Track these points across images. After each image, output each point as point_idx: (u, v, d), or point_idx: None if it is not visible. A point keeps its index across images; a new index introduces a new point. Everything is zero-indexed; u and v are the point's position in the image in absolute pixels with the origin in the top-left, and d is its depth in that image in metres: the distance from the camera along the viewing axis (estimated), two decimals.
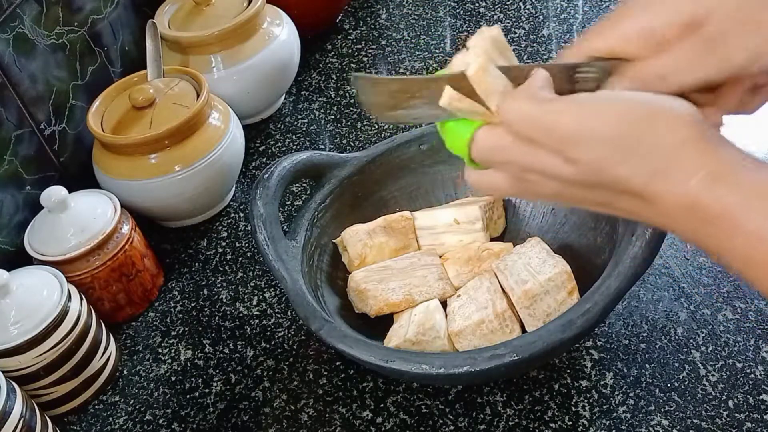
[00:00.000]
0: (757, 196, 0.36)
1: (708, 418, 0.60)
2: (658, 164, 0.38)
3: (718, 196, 0.37)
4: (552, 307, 0.63)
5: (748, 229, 0.36)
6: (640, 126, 0.39)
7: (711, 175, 0.37)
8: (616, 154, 0.39)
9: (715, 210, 0.37)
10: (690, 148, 0.38)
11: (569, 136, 0.40)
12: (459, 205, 0.75)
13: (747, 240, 0.36)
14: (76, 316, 0.67)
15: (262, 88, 0.95)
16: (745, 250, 0.37)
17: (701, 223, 0.38)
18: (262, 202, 0.68)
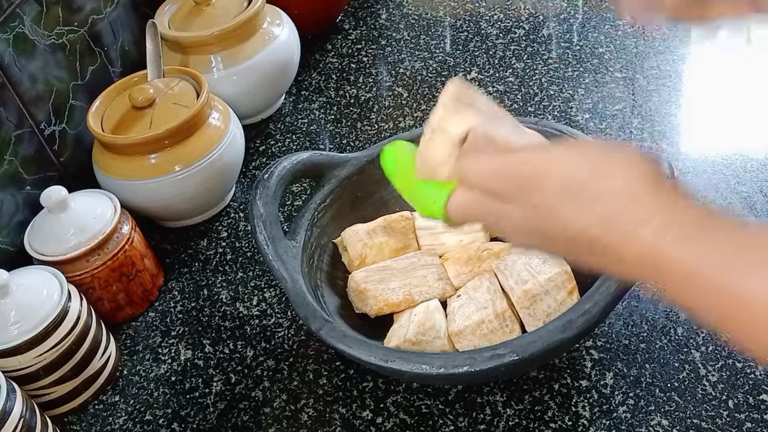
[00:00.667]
0: (719, 248, 0.35)
1: (708, 418, 0.60)
2: (608, 211, 0.37)
3: (678, 247, 0.35)
4: (552, 307, 0.63)
5: (711, 283, 0.34)
6: (593, 173, 0.38)
7: (665, 223, 0.36)
8: (567, 201, 0.39)
9: (674, 261, 0.35)
10: (643, 196, 0.37)
11: (530, 185, 0.40)
12: None
13: (717, 297, 0.34)
14: (76, 316, 0.67)
15: (262, 88, 0.95)
16: (720, 308, 0.35)
17: (661, 273, 0.36)
18: (262, 202, 0.68)
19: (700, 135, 0.88)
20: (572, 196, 0.39)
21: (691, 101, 0.92)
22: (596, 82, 0.95)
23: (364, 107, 0.99)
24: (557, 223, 0.40)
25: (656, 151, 0.58)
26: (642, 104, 0.91)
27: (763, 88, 0.90)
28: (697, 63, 0.98)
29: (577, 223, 0.39)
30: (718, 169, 0.81)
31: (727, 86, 0.92)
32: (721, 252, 0.34)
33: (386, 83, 1.03)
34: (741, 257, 0.34)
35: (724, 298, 0.34)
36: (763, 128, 0.86)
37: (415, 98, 0.99)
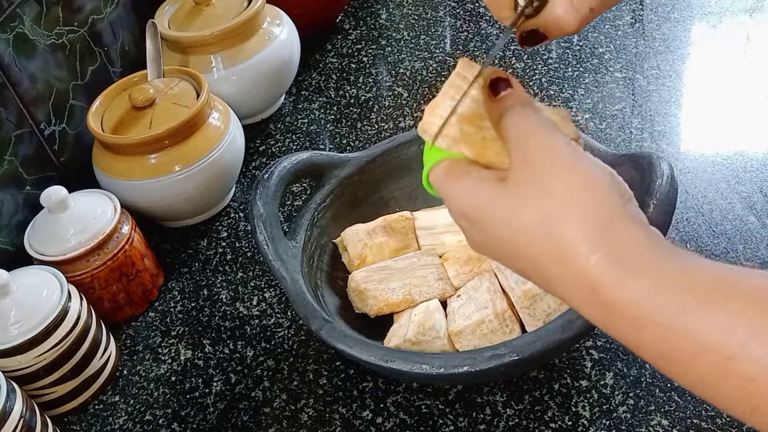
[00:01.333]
0: (666, 285, 0.33)
1: (708, 418, 0.60)
2: (558, 243, 0.36)
3: (619, 282, 0.34)
4: (552, 307, 0.63)
5: (657, 322, 0.33)
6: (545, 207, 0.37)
7: (613, 255, 0.34)
8: (514, 255, 0.39)
9: (619, 297, 0.34)
10: (592, 227, 0.35)
11: (485, 230, 0.41)
12: None
13: (658, 333, 0.33)
14: (76, 316, 0.67)
15: (262, 88, 0.95)
16: (657, 344, 0.33)
17: (607, 310, 0.35)
18: (262, 202, 0.68)
19: (700, 135, 0.88)
20: (520, 256, 0.39)
21: (691, 101, 0.92)
22: (596, 82, 0.95)
23: (364, 107, 0.99)
24: (512, 265, 0.41)
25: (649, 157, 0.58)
26: (642, 104, 0.91)
27: (762, 88, 0.90)
28: (697, 63, 0.98)
29: (524, 273, 0.40)
30: (718, 169, 0.81)
31: (727, 86, 0.92)
32: (674, 290, 0.33)
33: (386, 83, 1.03)
34: (699, 296, 0.32)
35: (679, 342, 0.32)
36: (763, 128, 0.86)
37: (415, 98, 0.99)
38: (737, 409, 0.32)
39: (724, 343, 0.31)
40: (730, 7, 1.03)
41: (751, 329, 0.30)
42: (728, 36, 1.00)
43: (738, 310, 0.31)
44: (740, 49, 0.97)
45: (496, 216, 0.40)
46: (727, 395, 0.31)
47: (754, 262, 0.71)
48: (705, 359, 0.31)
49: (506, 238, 0.39)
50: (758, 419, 0.31)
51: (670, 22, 1.03)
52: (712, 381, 0.32)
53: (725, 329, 0.31)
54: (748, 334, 0.30)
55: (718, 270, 0.33)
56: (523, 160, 0.39)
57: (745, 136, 0.85)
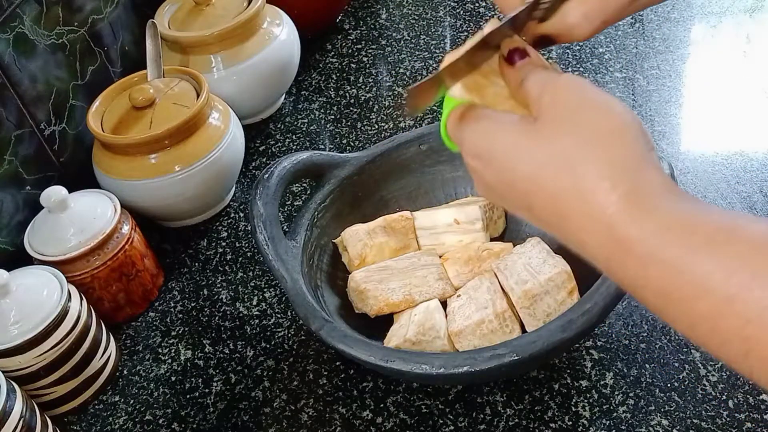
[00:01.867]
0: (675, 225, 0.34)
1: (708, 418, 0.60)
2: (582, 179, 0.37)
3: (634, 219, 0.35)
4: (552, 307, 0.63)
5: (663, 259, 0.33)
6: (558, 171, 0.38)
7: (630, 193, 0.35)
8: (534, 194, 0.39)
9: (632, 234, 0.35)
10: (617, 167, 0.36)
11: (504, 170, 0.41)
12: (459, 205, 0.75)
13: (662, 271, 0.33)
14: (76, 316, 0.67)
15: (262, 88, 0.95)
16: (660, 283, 0.34)
17: (617, 245, 0.35)
18: (262, 202, 0.68)
19: (700, 135, 0.88)
20: (539, 192, 0.39)
21: (691, 101, 0.92)
22: (596, 82, 0.95)
23: (364, 107, 0.99)
24: (523, 205, 0.41)
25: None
26: (642, 104, 0.91)
27: (762, 87, 0.90)
28: (697, 63, 0.98)
29: (535, 212, 0.40)
30: (718, 169, 0.81)
31: (727, 86, 0.92)
32: (683, 232, 0.33)
33: (386, 83, 1.03)
34: (704, 239, 0.33)
35: (681, 282, 0.33)
36: (763, 128, 0.86)
37: None
38: (731, 352, 0.32)
39: (724, 283, 0.31)
40: (730, 7, 1.03)
41: (753, 272, 0.31)
42: (728, 36, 1.00)
43: (740, 253, 0.31)
44: (740, 49, 0.97)
45: (519, 151, 0.40)
46: (723, 336, 0.32)
47: None
48: (705, 298, 0.32)
49: (526, 173, 0.39)
50: (751, 362, 0.31)
51: (670, 22, 1.03)
52: (709, 321, 0.32)
53: (726, 270, 0.31)
54: (748, 276, 0.31)
55: (725, 215, 0.33)
56: (552, 101, 0.39)
57: (745, 136, 0.85)
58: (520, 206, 0.42)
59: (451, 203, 0.77)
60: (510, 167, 0.40)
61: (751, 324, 0.31)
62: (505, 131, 0.41)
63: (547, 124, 0.39)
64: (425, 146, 0.77)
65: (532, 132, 0.39)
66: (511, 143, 0.40)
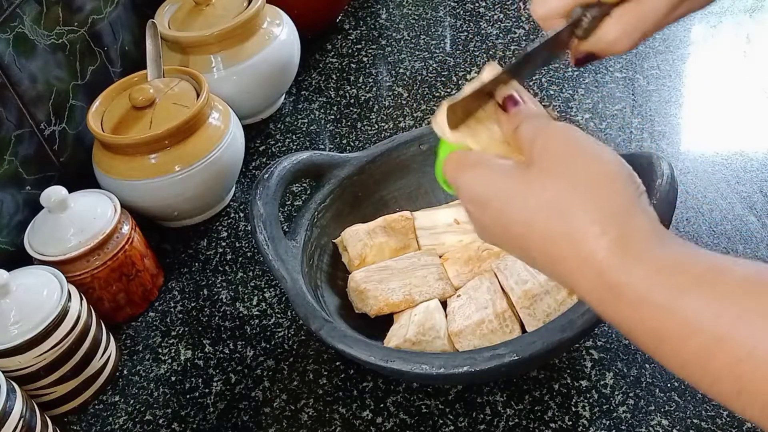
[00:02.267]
0: (664, 268, 0.35)
1: (708, 418, 0.60)
2: (572, 225, 0.38)
3: (624, 264, 0.36)
4: (552, 307, 0.63)
5: (653, 303, 0.34)
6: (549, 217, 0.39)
7: (619, 239, 0.36)
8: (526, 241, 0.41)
9: (621, 279, 0.36)
10: (606, 214, 0.37)
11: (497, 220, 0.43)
12: (459, 205, 0.75)
13: (653, 313, 0.34)
14: (76, 316, 0.67)
15: (262, 88, 0.95)
16: (652, 324, 0.35)
17: (607, 291, 0.36)
18: (262, 202, 0.68)
19: (700, 135, 0.88)
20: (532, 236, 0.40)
21: (691, 101, 0.92)
22: (596, 82, 0.95)
23: (364, 107, 0.99)
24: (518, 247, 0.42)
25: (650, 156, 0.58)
26: (642, 104, 0.91)
27: (762, 87, 0.90)
28: (697, 63, 0.98)
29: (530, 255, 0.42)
30: (718, 169, 0.81)
31: (727, 86, 0.92)
32: (672, 275, 0.34)
33: (386, 83, 1.03)
34: (692, 282, 0.34)
35: (672, 323, 0.34)
36: (763, 128, 0.86)
37: (415, 98, 0.99)
38: (723, 390, 0.33)
39: (713, 323, 0.32)
40: (730, 7, 1.03)
41: (740, 312, 0.32)
42: (728, 36, 1.00)
43: (728, 293, 0.32)
44: (740, 49, 0.97)
45: (513, 197, 0.41)
46: (715, 375, 0.33)
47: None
48: (695, 339, 0.33)
49: (520, 218, 0.41)
50: (743, 401, 0.32)
51: None
52: (701, 360, 0.33)
53: (715, 311, 0.32)
54: (737, 317, 0.32)
55: (712, 257, 0.35)
56: (543, 148, 0.41)
57: (745, 136, 0.85)
58: (515, 248, 0.43)
59: (451, 203, 0.77)
60: (505, 212, 0.42)
61: (742, 363, 0.31)
62: (499, 178, 0.42)
63: (539, 171, 0.40)
64: (425, 146, 0.77)
65: (524, 178, 0.41)
66: (505, 189, 0.42)
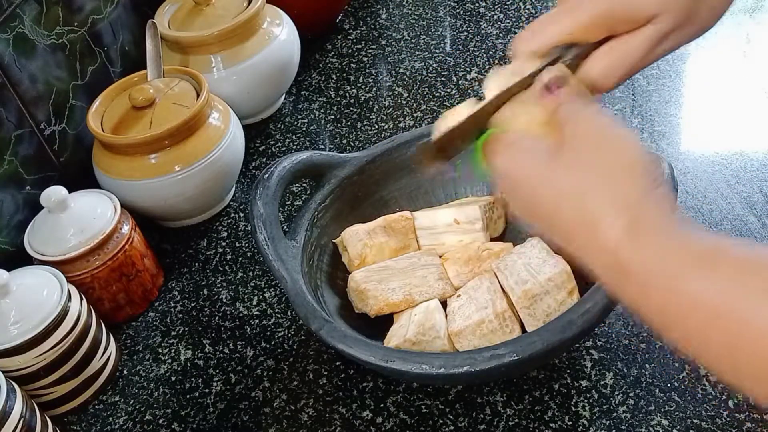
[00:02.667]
0: (669, 252, 0.37)
1: (708, 418, 0.60)
2: (590, 212, 0.41)
3: (634, 248, 0.38)
4: (552, 307, 0.63)
5: (659, 283, 0.37)
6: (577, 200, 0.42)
7: (631, 225, 0.39)
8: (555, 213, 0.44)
9: (632, 260, 0.39)
10: (621, 202, 0.40)
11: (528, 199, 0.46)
12: (459, 205, 0.75)
13: (659, 292, 0.37)
14: (76, 316, 0.67)
15: (262, 88, 0.95)
16: (658, 302, 0.38)
17: (620, 271, 0.39)
18: (262, 202, 0.68)
19: (700, 135, 0.88)
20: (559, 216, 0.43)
21: (691, 101, 0.92)
22: None
23: (364, 107, 0.99)
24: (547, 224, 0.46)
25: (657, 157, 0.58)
26: (642, 104, 0.91)
27: (762, 87, 0.90)
28: (697, 63, 0.98)
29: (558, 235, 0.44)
30: (718, 169, 0.81)
31: (727, 86, 0.92)
32: (676, 256, 0.37)
33: (386, 83, 1.03)
34: (694, 262, 0.37)
35: (675, 300, 0.37)
36: (763, 128, 0.86)
37: (415, 98, 0.99)
38: (722, 365, 0.36)
39: (712, 302, 0.35)
40: (730, 7, 1.03)
41: (736, 290, 0.35)
42: (728, 36, 1.00)
43: (726, 273, 0.35)
44: (740, 49, 0.97)
45: (543, 179, 0.44)
46: (714, 350, 0.36)
47: None
48: (696, 316, 0.36)
49: (549, 199, 0.44)
50: (740, 375, 0.35)
51: None
52: (702, 336, 0.36)
53: (714, 289, 0.35)
54: (733, 294, 0.35)
55: (715, 240, 0.38)
56: (574, 132, 0.44)
57: (745, 136, 0.85)
58: (543, 226, 0.46)
59: (451, 203, 0.77)
60: (535, 193, 0.45)
61: (737, 338, 0.34)
62: (531, 160, 0.45)
63: (567, 156, 0.43)
64: None
65: (554, 163, 0.44)
66: (536, 173, 0.45)
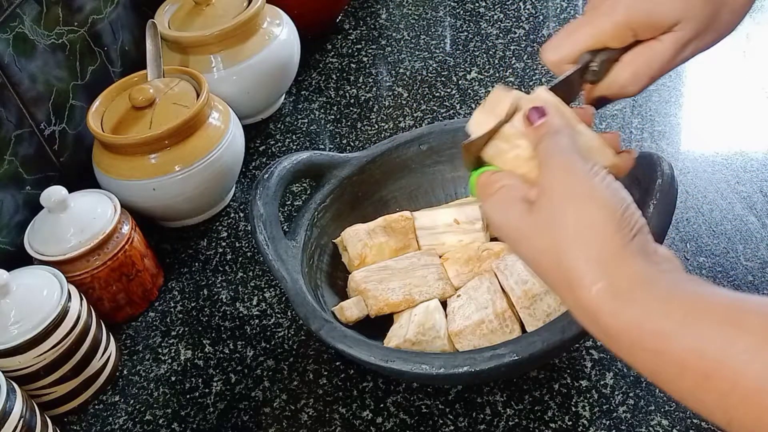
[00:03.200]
0: (650, 315, 0.37)
1: None
2: (566, 272, 0.40)
3: (613, 312, 0.38)
4: (552, 307, 0.63)
5: (645, 347, 0.37)
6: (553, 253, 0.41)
7: (608, 287, 0.38)
8: (535, 265, 0.44)
9: (613, 325, 0.38)
10: (595, 262, 0.39)
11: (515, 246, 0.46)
12: (459, 205, 0.75)
13: (645, 356, 0.37)
14: (76, 316, 0.67)
15: (262, 88, 0.95)
16: (648, 366, 0.37)
17: (604, 335, 0.39)
18: (262, 202, 0.68)
19: (700, 135, 0.88)
20: (540, 272, 0.43)
21: (691, 101, 0.92)
22: None
23: (364, 107, 0.99)
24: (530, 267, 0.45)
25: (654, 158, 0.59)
26: (642, 104, 0.91)
27: (762, 87, 0.90)
28: (697, 63, 0.97)
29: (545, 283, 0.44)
30: (718, 169, 0.81)
31: (727, 86, 0.92)
32: (659, 314, 0.36)
33: (386, 83, 1.03)
34: (678, 317, 0.36)
35: (663, 362, 0.36)
36: (763, 128, 0.86)
37: (415, 98, 0.99)
38: (718, 420, 0.35)
39: (700, 363, 0.34)
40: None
41: (723, 349, 0.34)
42: (728, 36, 1.00)
43: (711, 334, 0.34)
44: (740, 48, 0.97)
45: (522, 237, 0.44)
46: (709, 407, 0.35)
47: (754, 262, 0.71)
48: (686, 378, 0.35)
49: (529, 257, 0.44)
50: (735, 429, 0.34)
51: None
52: (694, 396, 0.36)
53: (700, 350, 0.35)
54: (720, 354, 0.34)
55: (697, 293, 0.37)
56: (547, 186, 0.43)
57: (745, 136, 0.85)
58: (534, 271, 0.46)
59: (451, 203, 0.77)
60: (519, 247, 0.45)
61: (728, 397, 0.34)
62: (513, 215, 0.44)
63: (543, 213, 0.42)
64: (425, 146, 0.77)
65: (531, 218, 0.43)
66: (517, 228, 0.44)
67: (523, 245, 0.44)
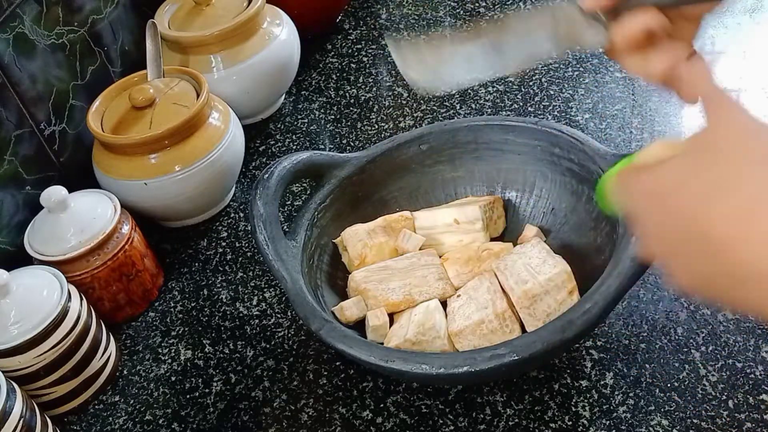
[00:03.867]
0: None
1: (708, 418, 0.60)
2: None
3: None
4: (552, 307, 0.63)
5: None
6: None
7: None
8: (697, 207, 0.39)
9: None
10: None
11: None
12: (459, 205, 0.75)
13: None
14: (76, 316, 0.67)
15: (262, 88, 0.95)
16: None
17: None
18: (262, 202, 0.68)
19: None
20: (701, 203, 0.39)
21: None
22: (596, 82, 0.95)
23: (364, 107, 0.99)
24: (688, 225, 0.40)
25: None
26: (642, 104, 0.91)
27: (762, 87, 0.90)
28: None
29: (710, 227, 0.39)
30: None
31: (727, 86, 0.92)
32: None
33: (386, 83, 1.03)
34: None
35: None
36: None
37: (415, 98, 0.99)
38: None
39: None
40: (730, 7, 1.03)
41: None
42: (728, 36, 1.00)
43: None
44: (740, 49, 0.97)
45: (688, 175, 0.40)
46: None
47: None
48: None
49: (696, 197, 0.39)
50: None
51: None
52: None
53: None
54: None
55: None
56: (716, 121, 0.40)
57: None
58: (686, 241, 0.41)
59: (451, 203, 0.77)
60: (681, 192, 0.40)
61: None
62: (671, 166, 0.41)
63: (717, 145, 0.39)
64: (425, 146, 0.77)
65: (700, 155, 0.40)
66: (681, 170, 0.40)
67: (690, 186, 0.39)
